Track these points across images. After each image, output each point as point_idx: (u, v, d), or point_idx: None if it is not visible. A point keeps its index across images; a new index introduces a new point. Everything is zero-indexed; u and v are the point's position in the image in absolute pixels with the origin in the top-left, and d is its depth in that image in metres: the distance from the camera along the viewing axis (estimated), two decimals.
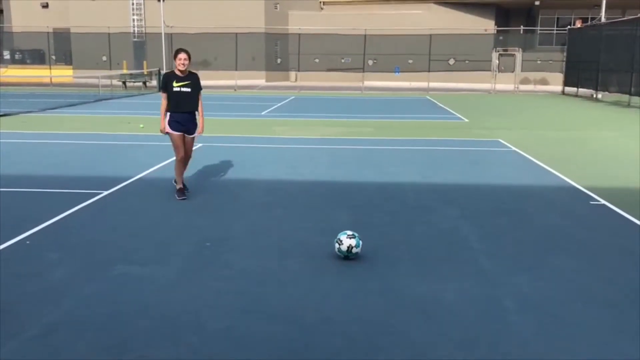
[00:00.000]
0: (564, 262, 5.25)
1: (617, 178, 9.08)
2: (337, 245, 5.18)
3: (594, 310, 4.24)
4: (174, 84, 7.18)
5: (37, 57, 39.65)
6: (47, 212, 6.58)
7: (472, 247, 5.68)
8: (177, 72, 7.23)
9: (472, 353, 3.62)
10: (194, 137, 7.53)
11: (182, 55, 7.15)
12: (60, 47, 39.58)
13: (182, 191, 7.37)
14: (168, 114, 7.26)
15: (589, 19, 34.97)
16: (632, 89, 23.21)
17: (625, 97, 23.99)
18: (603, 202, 7.40)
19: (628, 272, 5.02)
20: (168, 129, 7.28)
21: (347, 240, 5.14)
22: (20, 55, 40.50)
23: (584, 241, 5.89)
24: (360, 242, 5.18)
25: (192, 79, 7.33)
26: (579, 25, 31.64)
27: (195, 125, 7.46)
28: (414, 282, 4.75)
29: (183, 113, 7.29)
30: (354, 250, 5.14)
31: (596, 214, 6.98)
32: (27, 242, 5.63)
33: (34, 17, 39.20)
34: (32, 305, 4.24)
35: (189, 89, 7.25)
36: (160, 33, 32.80)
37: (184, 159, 7.45)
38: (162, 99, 7.28)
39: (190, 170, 9.38)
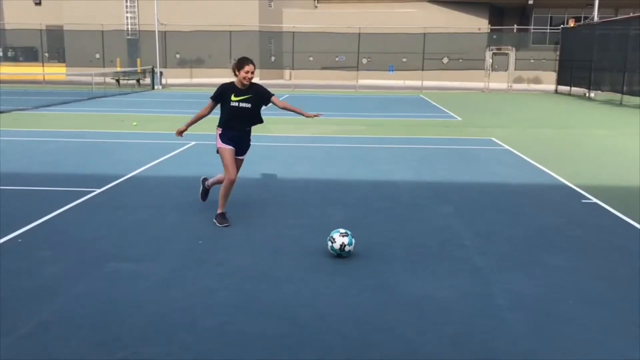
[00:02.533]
0: (556, 259, 5.28)
1: (609, 176, 9.13)
2: (329, 244, 5.18)
3: (585, 308, 4.27)
4: (233, 98, 6.02)
5: (30, 55, 39.46)
6: (39, 210, 6.55)
7: (465, 244, 5.70)
8: (238, 85, 6.07)
9: (465, 350, 3.64)
10: (242, 159, 6.37)
11: (250, 68, 5.95)
12: (54, 44, 39.41)
13: (224, 216, 6.22)
14: (220, 129, 6.18)
15: (582, 18, 35.15)
16: (625, 88, 23.36)
17: (617, 96, 24.13)
18: (595, 200, 7.45)
19: (619, 269, 5.06)
20: (220, 143, 6.15)
21: (339, 239, 5.14)
22: (12, 53, 40.32)
23: (576, 239, 5.92)
24: (353, 240, 5.19)
25: (254, 92, 6.12)
26: (572, 25, 31.77)
27: (248, 145, 6.37)
28: (407, 280, 4.76)
29: (238, 131, 6.19)
30: (347, 248, 5.15)
31: (588, 212, 7.02)
32: (19, 240, 5.61)
33: (26, 14, 39.01)
34: (25, 302, 4.22)
35: (249, 105, 6.07)
36: (154, 31, 32.70)
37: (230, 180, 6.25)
38: (205, 107, 6.23)
39: (183, 168, 9.38)
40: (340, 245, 5.13)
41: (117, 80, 31.09)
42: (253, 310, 4.14)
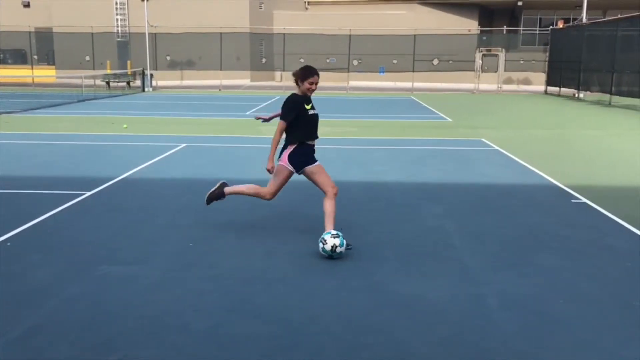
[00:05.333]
0: (546, 259, 5.31)
1: (598, 176, 9.20)
2: (321, 245, 5.19)
3: (576, 307, 4.29)
4: (307, 107, 5.54)
5: (18, 57, 39.22)
6: (29, 213, 6.51)
7: (456, 245, 5.72)
8: (301, 94, 5.59)
9: (456, 350, 3.65)
10: (320, 164, 5.67)
11: (316, 79, 5.53)
12: (43, 46, 39.18)
13: (223, 194, 6.03)
14: (292, 146, 5.51)
15: (571, 19, 35.38)
16: (613, 89, 23.53)
17: (606, 97, 24.31)
18: (584, 200, 7.50)
19: (609, 268, 5.10)
20: (285, 161, 5.52)
21: (331, 240, 5.15)
22: (1, 55, 40.02)
23: (566, 239, 5.95)
24: (344, 242, 5.20)
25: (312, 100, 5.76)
26: (561, 26, 31.99)
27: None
28: (399, 280, 4.77)
29: (313, 143, 5.69)
30: (338, 249, 5.15)
31: (578, 211, 7.06)
32: (8, 243, 5.57)
33: (15, 16, 38.73)
34: (15, 306, 4.19)
35: (317, 112, 5.70)
36: (144, 33, 32.59)
37: (334, 195, 5.51)
38: (278, 130, 5.44)
39: (174, 170, 9.35)
40: (332, 247, 5.14)
41: (107, 83, 30.94)
42: (245, 312, 4.14)
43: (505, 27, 37.50)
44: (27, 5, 40.44)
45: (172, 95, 27.84)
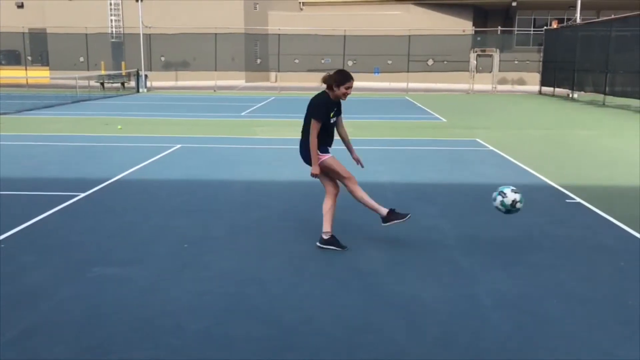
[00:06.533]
0: (540, 259, 5.33)
1: (592, 176, 9.24)
2: (500, 198, 5.00)
3: (569, 307, 4.31)
4: (331, 115, 5.42)
5: (12, 58, 39.09)
6: (23, 215, 6.49)
7: (451, 245, 5.74)
8: (332, 98, 5.41)
9: (451, 350, 3.66)
10: None
11: (351, 84, 5.36)
12: (37, 47, 39.06)
13: (395, 214, 5.50)
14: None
15: (565, 19, 35.52)
16: (607, 89, 23.62)
17: (600, 97, 24.40)
18: (578, 200, 7.53)
19: (602, 268, 5.12)
20: (322, 156, 5.43)
21: (511, 195, 5.03)
22: None
23: (560, 239, 5.98)
24: (524, 199, 5.04)
25: (339, 105, 5.58)
26: (555, 26, 32.08)
27: None
28: (394, 281, 4.78)
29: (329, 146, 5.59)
30: (518, 205, 5.03)
31: (572, 211, 7.09)
32: (2, 245, 5.56)
33: (8, 17, 38.60)
34: (8, 308, 4.18)
35: (336, 119, 5.59)
36: (139, 33, 32.53)
37: (336, 194, 5.64)
38: (315, 131, 5.30)
39: (169, 171, 9.34)
40: (512, 201, 5.03)
41: (102, 84, 30.87)
42: (240, 314, 4.14)
43: (499, 28, 37.59)
44: (20, 6, 40.31)
45: (167, 96, 27.79)
